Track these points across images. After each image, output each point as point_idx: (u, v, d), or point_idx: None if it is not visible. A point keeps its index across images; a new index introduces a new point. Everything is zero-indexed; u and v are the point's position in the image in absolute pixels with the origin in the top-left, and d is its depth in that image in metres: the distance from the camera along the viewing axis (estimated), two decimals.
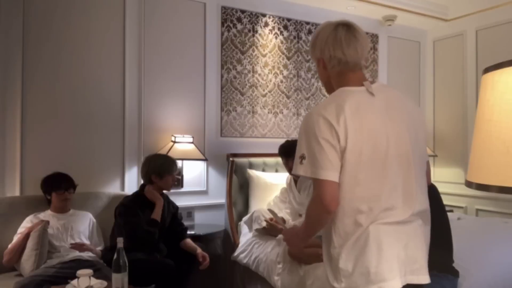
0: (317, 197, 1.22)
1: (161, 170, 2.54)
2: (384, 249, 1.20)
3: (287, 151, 2.94)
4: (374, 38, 4.40)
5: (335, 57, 1.32)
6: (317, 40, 1.35)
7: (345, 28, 1.32)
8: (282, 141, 3.06)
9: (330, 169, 1.19)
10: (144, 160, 2.65)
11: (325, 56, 1.34)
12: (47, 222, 2.43)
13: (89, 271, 1.94)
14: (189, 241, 2.67)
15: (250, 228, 3.07)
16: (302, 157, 1.23)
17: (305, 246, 2.49)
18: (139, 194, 2.58)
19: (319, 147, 1.20)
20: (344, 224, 1.23)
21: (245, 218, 3.18)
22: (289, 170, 2.97)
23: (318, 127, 1.22)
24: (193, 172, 3.41)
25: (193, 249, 2.59)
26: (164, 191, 2.64)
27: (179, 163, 3.18)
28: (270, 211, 2.23)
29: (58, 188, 2.57)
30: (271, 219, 2.93)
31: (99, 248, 2.64)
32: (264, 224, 2.90)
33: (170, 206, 2.69)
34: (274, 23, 3.81)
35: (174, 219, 2.70)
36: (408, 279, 1.22)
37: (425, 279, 1.26)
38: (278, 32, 3.83)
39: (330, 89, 1.41)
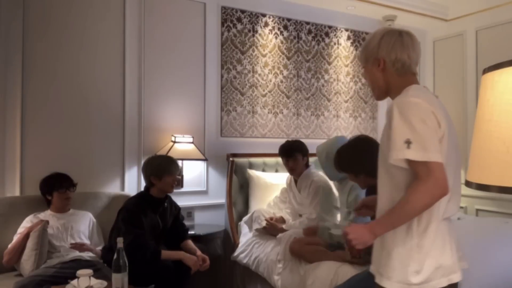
0: (432, 180, 1.20)
1: (158, 171, 2.49)
2: (450, 242, 1.30)
3: (288, 151, 2.94)
4: None
5: (401, 59, 1.39)
6: (382, 42, 1.41)
7: (409, 36, 1.43)
8: (282, 141, 3.06)
9: (439, 151, 1.21)
10: (144, 162, 2.63)
11: (389, 58, 1.39)
12: (47, 222, 2.43)
13: (89, 271, 1.94)
14: (189, 242, 2.66)
15: (250, 228, 3.07)
16: (408, 142, 1.21)
17: (306, 243, 2.49)
18: (144, 195, 2.55)
19: (428, 130, 1.21)
20: (422, 217, 1.26)
21: (245, 218, 3.18)
22: (290, 170, 2.97)
23: (422, 111, 1.23)
24: (193, 172, 3.41)
25: (193, 250, 2.58)
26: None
27: (179, 163, 3.18)
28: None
29: (60, 187, 2.56)
30: (271, 218, 2.93)
31: (99, 248, 2.64)
32: (264, 223, 2.90)
33: (172, 208, 2.68)
34: (274, 23, 3.81)
35: (176, 220, 2.70)
36: None
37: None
38: (278, 32, 3.83)
39: (380, 91, 1.46)
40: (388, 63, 1.40)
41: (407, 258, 1.28)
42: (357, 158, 1.98)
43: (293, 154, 2.91)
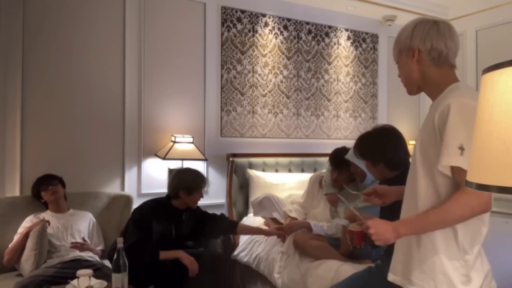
0: (477, 194, 1.09)
1: (191, 186, 2.42)
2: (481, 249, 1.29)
3: (334, 161, 2.64)
4: (374, 38, 4.40)
5: (437, 48, 1.28)
6: (415, 30, 1.31)
7: (446, 24, 1.32)
8: (282, 141, 3.03)
9: None
10: (174, 173, 2.55)
11: (425, 46, 1.28)
12: (47, 222, 2.43)
13: (89, 271, 1.94)
14: (243, 224, 2.72)
15: (257, 212, 2.98)
16: (462, 148, 1.11)
17: (311, 238, 2.49)
18: (164, 202, 2.48)
19: None
20: (469, 227, 1.22)
21: (253, 200, 3.04)
22: (333, 181, 2.69)
23: None
24: None
25: (254, 230, 2.69)
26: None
27: (178, 163, 3.18)
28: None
29: (41, 185, 2.58)
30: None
31: (99, 248, 2.64)
32: (274, 215, 2.84)
33: (191, 217, 2.59)
34: (274, 23, 3.81)
35: (201, 222, 2.62)
36: None
37: None
38: (278, 32, 3.83)
39: (414, 84, 1.34)
40: (424, 52, 1.29)
41: (453, 268, 1.22)
42: (380, 146, 1.88)
43: (340, 166, 2.60)
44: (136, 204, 2.73)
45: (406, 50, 1.32)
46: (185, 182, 2.44)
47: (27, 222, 2.49)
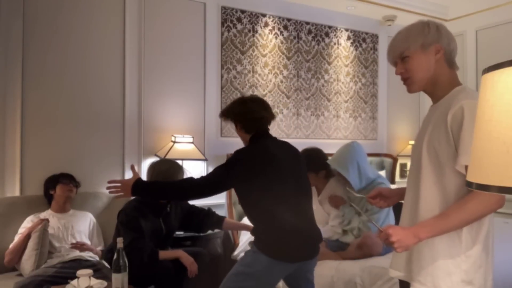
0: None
1: (167, 177, 2.41)
2: (492, 250, 1.33)
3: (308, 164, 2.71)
4: (374, 38, 4.40)
5: (454, 50, 1.33)
6: (440, 30, 1.33)
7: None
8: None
9: None
10: (148, 167, 2.54)
11: (449, 47, 1.32)
12: (47, 221, 2.42)
13: (89, 271, 1.94)
14: (229, 220, 2.71)
15: None
16: None
17: None
18: (144, 200, 2.47)
19: None
20: (472, 226, 1.24)
21: None
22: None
23: None
24: (193, 172, 3.41)
25: (240, 226, 2.71)
26: None
27: (179, 163, 3.17)
28: None
29: (64, 179, 2.64)
30: None
31: (99, 248, 2.64)
32: None
33: (178, 209, 2.61)
34: (274, 23, 3.81)
35: (189, 216, 2.63)
36: None
37: None
38: (278, 32, 3.83)
39: (423, 81, 1.34)
40: (447, 52, 1.32)
41: (454, 267, 1.23)
42: (246, 109, 2.09)
43: (312, 168, 2.67)
44: None
45: (432, 46, 1.31)
46: (160, 174, 2.42)
47: (28, 222, 2.49)
